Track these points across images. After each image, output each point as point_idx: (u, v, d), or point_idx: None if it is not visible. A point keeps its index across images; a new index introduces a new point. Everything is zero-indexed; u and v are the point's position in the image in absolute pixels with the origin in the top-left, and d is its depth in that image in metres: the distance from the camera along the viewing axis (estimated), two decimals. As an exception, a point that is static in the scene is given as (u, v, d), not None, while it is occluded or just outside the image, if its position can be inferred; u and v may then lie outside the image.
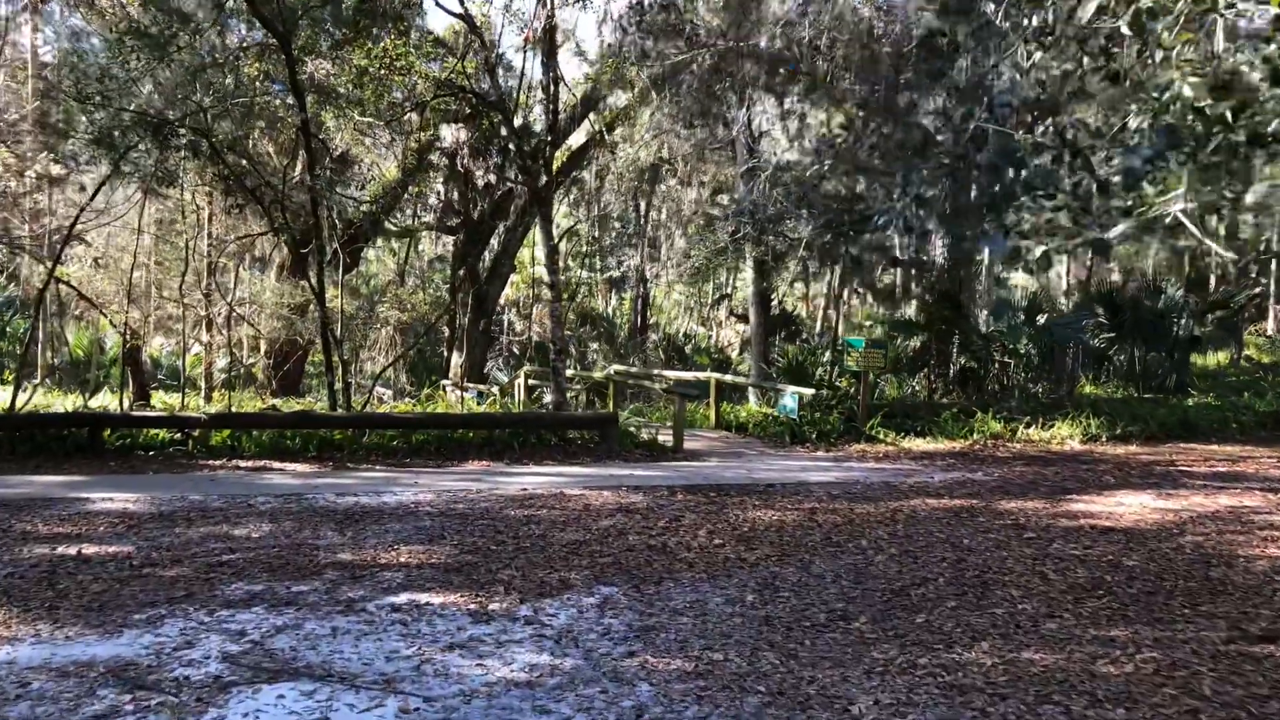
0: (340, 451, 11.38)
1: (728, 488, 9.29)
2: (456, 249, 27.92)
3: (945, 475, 10.20)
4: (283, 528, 7.24)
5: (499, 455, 11.35)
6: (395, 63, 11.78)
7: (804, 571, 5.92)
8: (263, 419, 11.53)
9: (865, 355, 12.90)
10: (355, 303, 21.23)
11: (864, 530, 7.17)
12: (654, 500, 8.52)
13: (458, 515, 7.78)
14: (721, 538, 6.95)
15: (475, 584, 5.69)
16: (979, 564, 6.03)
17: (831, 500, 8.59)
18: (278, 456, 11.09)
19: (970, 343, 14.22)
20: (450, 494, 8.77)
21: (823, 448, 12.42)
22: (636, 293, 30.52)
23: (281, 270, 23.24)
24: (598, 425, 11.89)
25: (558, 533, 7.13)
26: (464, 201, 26.93)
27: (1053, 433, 12.74)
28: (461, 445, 11.63)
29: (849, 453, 12.10)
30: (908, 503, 8.40)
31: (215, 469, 10.37)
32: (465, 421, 11.59)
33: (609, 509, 8.10)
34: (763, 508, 8.20)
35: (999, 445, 12.33)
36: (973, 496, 8.74)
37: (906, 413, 13.43)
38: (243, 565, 6.09)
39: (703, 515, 7.83)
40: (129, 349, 13.45)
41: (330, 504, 8.23)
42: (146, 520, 7.47)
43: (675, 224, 28.95)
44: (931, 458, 11.59)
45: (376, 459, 11.16)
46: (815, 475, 10.13)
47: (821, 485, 9.49)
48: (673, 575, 5.88)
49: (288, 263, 22.59)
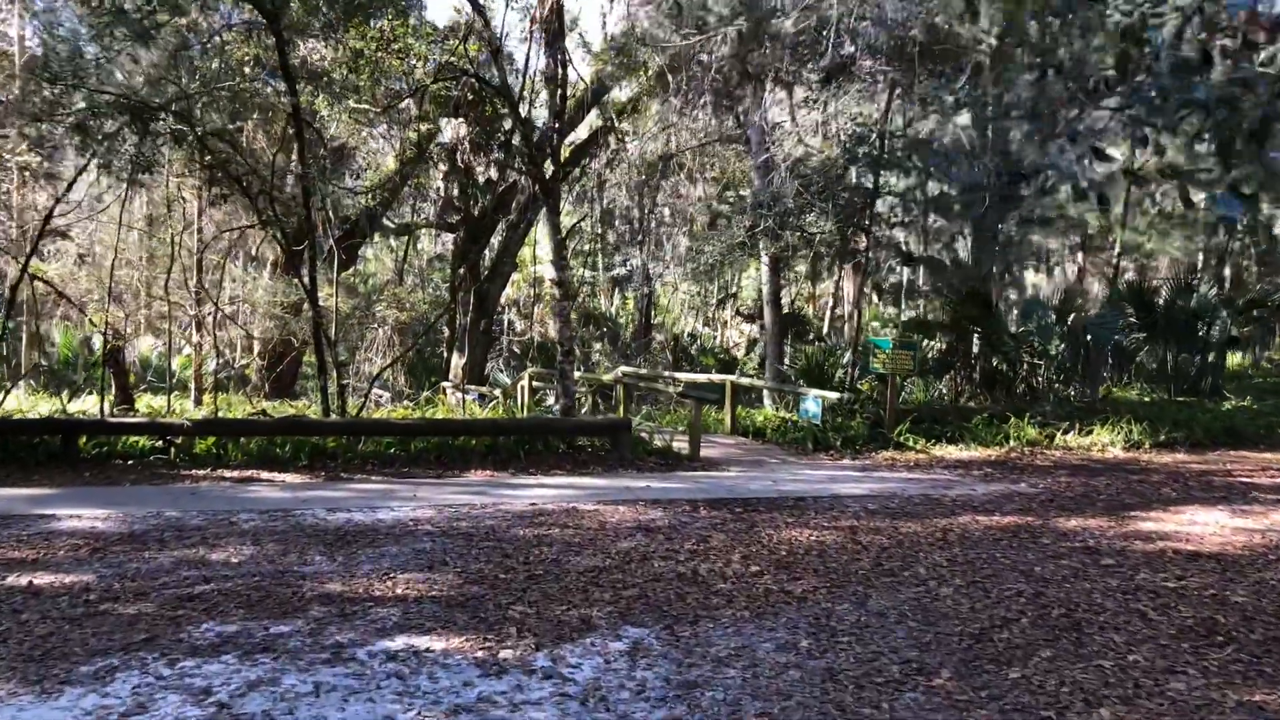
0: (333, 460, 10.61)
1: (754, 502, 8.52)
2: (457, 247, 27.22)
3: (987, 487, 9.43)
4: (266, 551, 6.47)
5: (503, 464, 10.58)
6: (392, 44, 11.00)
7: (861, 608, 5.15)
8: (250, 426, 10.76)
9: (893, 357, 12.13)
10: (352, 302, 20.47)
11: (917, 554, 6.40)
12: (676, 517, 7.75)
13: (461, 535, 7.01)
14: (758, 563, 6.18)
15: (483, 623, 4.92)
16: (1061, 599, 5.26)
17: (871, 517, 7.83)
18: (266, 466, 10.32)
19: (1002, 343, 13.46)
20: (452, 509, 8.00)
21: (848, 455, 11.65)
22: (641, 292, 29.74)
23: (276, 268, 22.47)
24: (609, 432, 11.13)
25: (573, 557, 6.36)
26: (464, 198, 26.20)
27: (1092, 439, 11.98)
28: (463, 453, 10.86)
29: (877, 461, 11.34)
30: (956, 520, 7.63)
31: (198, 480, 9.60)
32: (467, 428, 10.82)
33: (628, 528, 7.33)
34: (797, 526, 7.43)
35: (1036, 453, 11.57)
36: (1025, 512, 7.97)
37: (935, 417, 12.66)
38: (216, 599, 5.32)
39: (732, 536, 7.06)
40: (110, 350, 12.67)
41: (320, 522, 7.46)
42: (115, 542, 6.69)
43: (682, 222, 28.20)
44: (967, 467, 10.82)
45: (372, 468, 10.39)
46: (846, 487, 9.36)
47: (856, 499, 8.72)
48: (710, 613, 5.11)
49: (281, 260, 21.86)
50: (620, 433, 10.91)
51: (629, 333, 30.78)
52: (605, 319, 31.52)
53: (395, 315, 17.00)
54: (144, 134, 10.19)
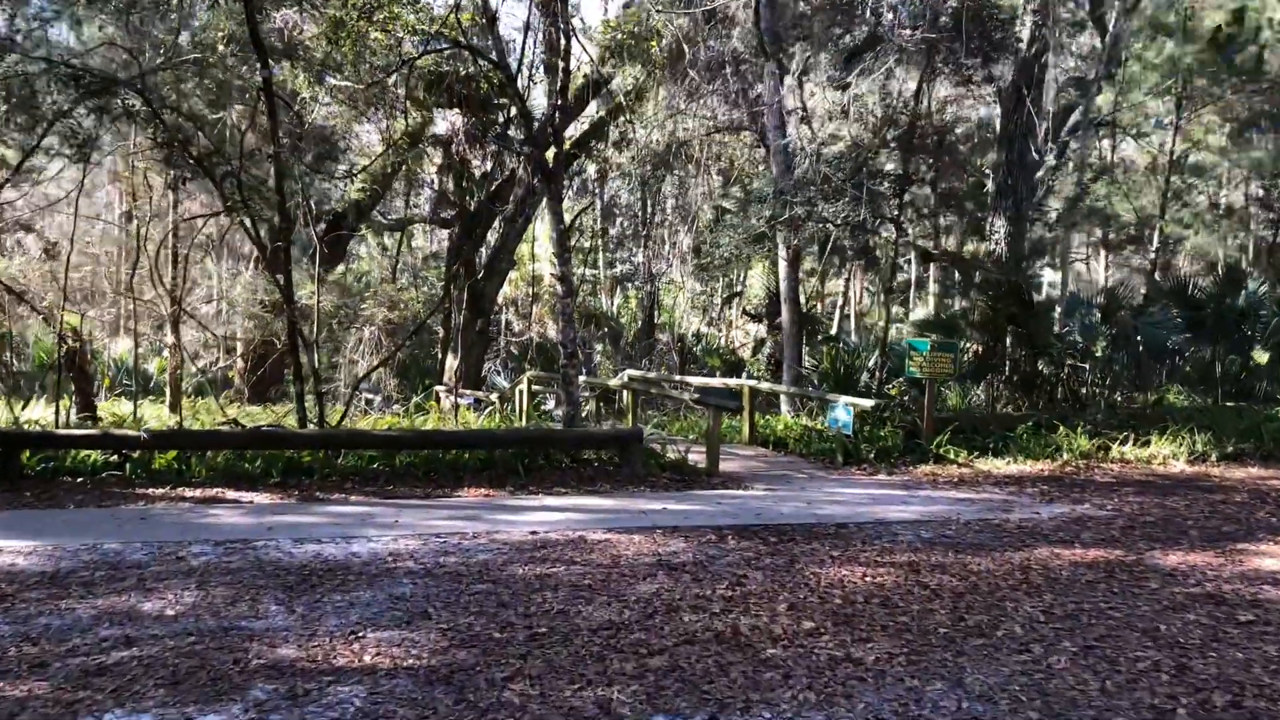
0: (309, 476, 9.47)
1: (789, 530, 7.39)
2: (452, 243, 26.12)
3: (1050, 509, 8.29)
4: (212, 598, 5.33)
5: (500, 481, 9.44)
6: (376, 13, 9.85)
7: (957, 688, 4.01)
8: (215, 438, 9.61)
9: (931, 359, 11.00)
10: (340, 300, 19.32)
11: (1002, 603, 5.26)
12: (701, 550, 6.62)
13: (448, 575, 5.87)
14: (811, 616, 5.04)
15: (472, 710, 3.79)
16: (1215, 676, 4.12)
17: (929, 549, 6.69)
18: (233, 483, 9.18)
19: (1048, 344, 12.32)
20: (439, 539, 6.86)
21: (883, 470, 10.51)
22: (645, 291, 28.57)
23: (259, 264, 21.31)
24: (617, 444, 9.99)
25: (583, 606, 5.22)
26: (460, 192, 25.12)
27: (1150, 451, 10.85)
28: (454, 468, 9.72)
29: (916, 477, 10.20)
30: (1032, 554, 6.50)
31: (154, 500, 8.46)
32: (459, 440, 9.68)
33: (646, 564, 6.19)
34: (846, 562, 6.29)
35: (1092, 466, 10.44)
36: (1108, 543, 6.83)
37: (974, 426, 11.53)
38: (134, 673, 4.18)
39: (771, 575, 5.92)
40: (68, 353, 11.52)
41: (284, 556, 6.32)
42: (31, 585, 5.55)
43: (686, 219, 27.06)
44: (1018, 484, 9.69)
45: (352, 486, 9.25)
46: (891, 510, 8.22)
47: (905, 525, 7.59)
48: (763, 694, 3.97)
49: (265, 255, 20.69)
50: (630, 445, 9.77)
51: (632, 333, 29.63)
52: (607, 319, 30.37)
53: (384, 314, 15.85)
54: (100, 110, 9.04)
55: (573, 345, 10.45)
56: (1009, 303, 12.53)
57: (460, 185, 24.62)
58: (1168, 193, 16.85)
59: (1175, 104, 16.55)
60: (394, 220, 26.61)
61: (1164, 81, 16.15)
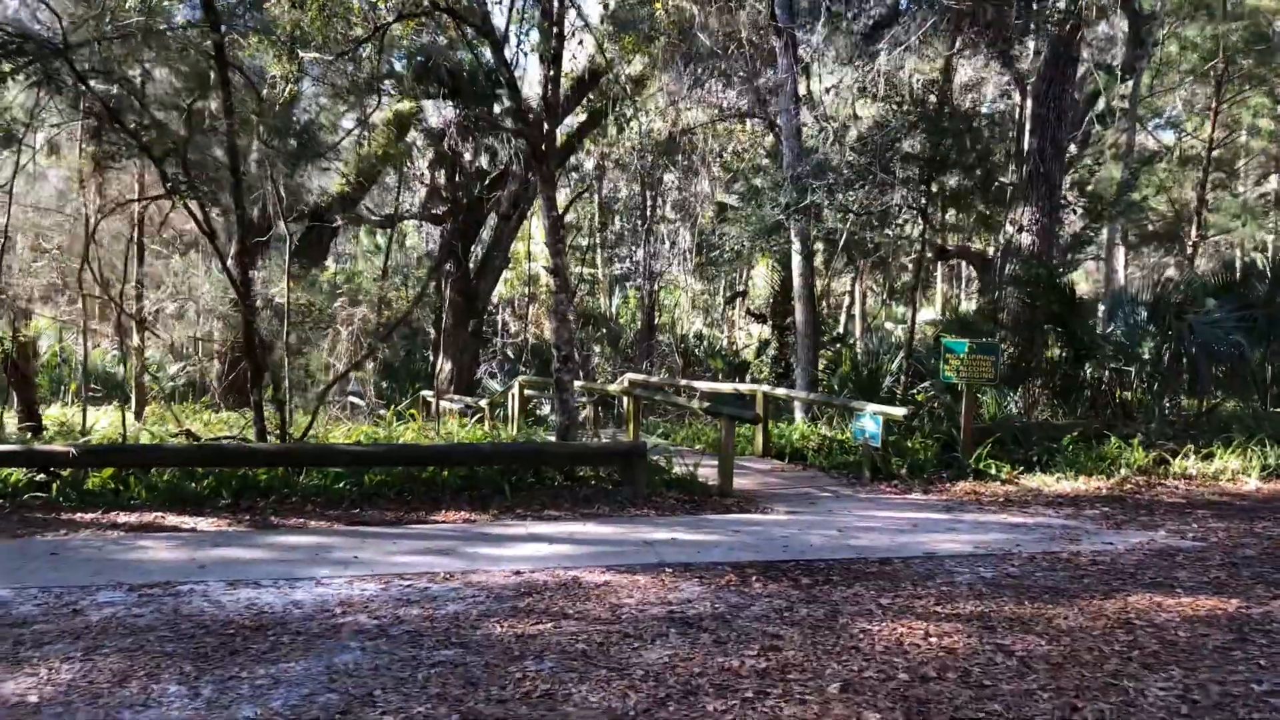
0: (266, 497, 8.28)
1: (823, 567, 6.20)
2: (443, 240, 25.01)
3: (1123, 539, 7.11)
4: (96, 675, 4.14)
5: (483, 502, 8.25)
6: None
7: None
8: (157, 454, 8.40)
9: (968, 362, 9.82)
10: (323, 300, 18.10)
11: (1119, 681, 4.07)
12: (721, 596, 5.43)
13: (407, 636, 4.68)
14: (873, 702, 3.85)
15: None
16: None
17: (996, 594, 5.50)
18: (177, 506, 7.99)
19: (1095, 346, 11.15)
20: (403, 583, 5.67)
21: (916, 487, 9.33)
22: (645, 290, 27.37)
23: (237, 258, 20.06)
24: (618, 460, 8.79)
25: (575, 686, 4.03)
26: (452, 187, 24.00)
27: (1216, 465, 9.67)
28: (432, 488, 8.53)
29: (955, 495, 9.02)
30: (1126, 602, 5.31)
31: (79, 528, 7.27)
32: (437, 455, 8.47)
33: (654, 617, 5.01)
34: (900, 613, 5.11)
35: (1154, 483, 9.26)
36: (1216, 588, 5.64)
37: (1015, 437, 10.35)
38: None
39: (812, 634, 4.73)
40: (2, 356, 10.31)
41: (208, 607, 5.13)
42: None
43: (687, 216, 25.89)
44: (1075, 504, 8.51)
45: (314, 509, 8.06)
46: (938, 540, 7.04)
47: (959, 560, 6.41)
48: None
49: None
50: (633, 461, 8.57)
51: (631, 334, 28.44)
52: (606, 319, 29.18)
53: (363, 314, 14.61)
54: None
55: (568, 347, 9.27)
56: (1049, 300, 11.35)
57: (453, 180, 23.52)
58: (1206, 182, 15.71)
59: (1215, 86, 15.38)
60: (383, 216, 25.42)
61: (1204, 64, 14.99)
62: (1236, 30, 13.80)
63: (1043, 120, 13.76)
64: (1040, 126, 13.79)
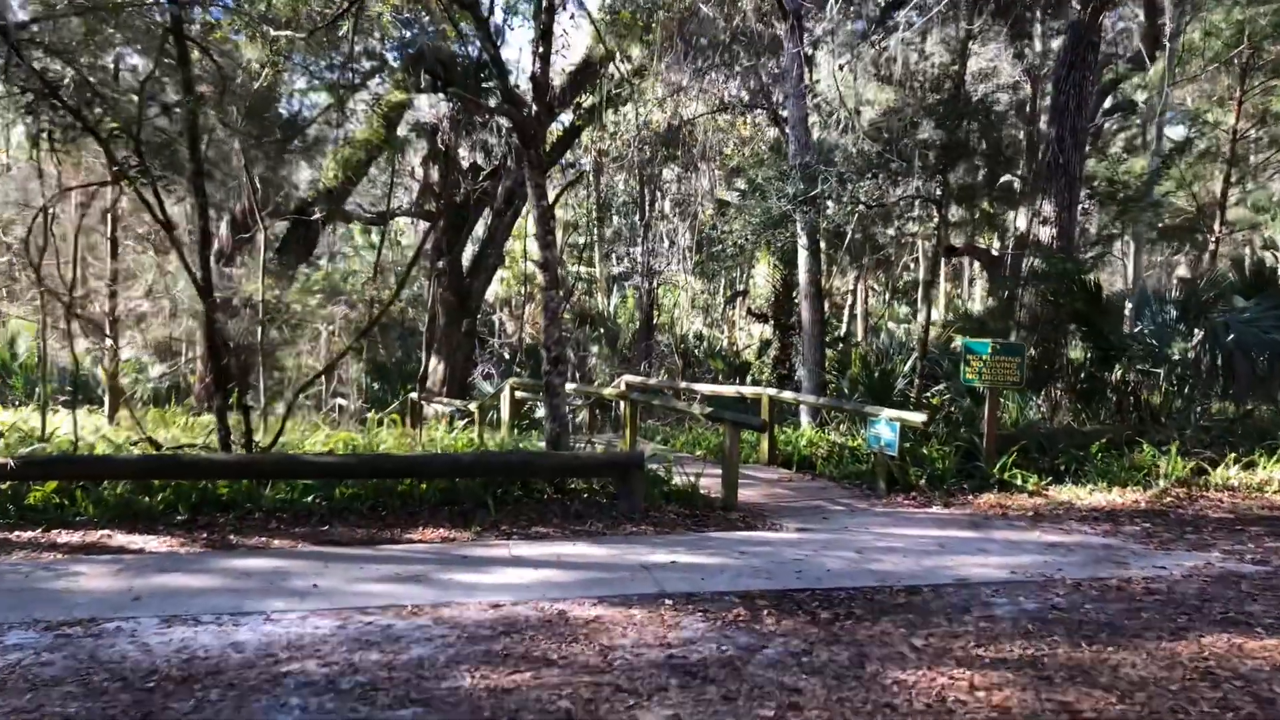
0: (227, 513, 7.55)
1: (843, 597, 5.48)
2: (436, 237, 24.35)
3: (1175, 562, 6.38)
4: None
5: (464, 518, 7.52)
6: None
7: None
8: (106, 466, 7.65)
9: (992, 365, 9.09)
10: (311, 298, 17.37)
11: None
12: (728, 636, 4.70)
13: (360, 690, 3.96)
14: (920, 786, 3.12)
15: None
16: None
17: (1045, 630, 4.78)
18: (128, 523, 7.27)
19: (1124, 346, 10.42)
20: (364, 618, 4.95)
21: (937, 499, 8.60)
22: (643, 289, 26.61)
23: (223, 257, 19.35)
24: (613, 471, 8.05)
25: (556, 761, 3.30)
26: (445, 184, 23.31)
27: (1261, 476, 8.93)
28: (409, 502, 7.80)
29: (979, 508, 8.28)
30: (1200, 644, 4.58)
31: (12, 549, 6.55)
32: (414, 467, 7.73)
33: (652, 664, 4.28)
34: (937, 657, 4.39)
35: (1196, 495, 8.53)
36: (1293, 623, 4.92)
37: (1040, 444, 9.62)
38: None
39: (836, 688, 4.01)
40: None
41: (132, 651, 4.41)
42: None
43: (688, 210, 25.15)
44: (1112, 520, 7.78)
45: (279, 526, 7.33)
46: (969, 563, 6.31)
47: (995, 587, 5.68)
48: None
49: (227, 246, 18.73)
50: (629, 473, 7.84)
51: (630, 335, 27.70)
52: (603, 319, 28.42)
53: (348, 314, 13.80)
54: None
55: (559, 348, 8.54)
56: (1073, 297, 10.62)
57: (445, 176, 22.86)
58: (1230, 175, 14.98)
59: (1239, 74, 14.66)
60: (375, 213, 24.70)
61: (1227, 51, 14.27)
62: (1265, 15, 13.09)
63: (1062, 108, 13.04)
64: (1059, 114, 13.07)
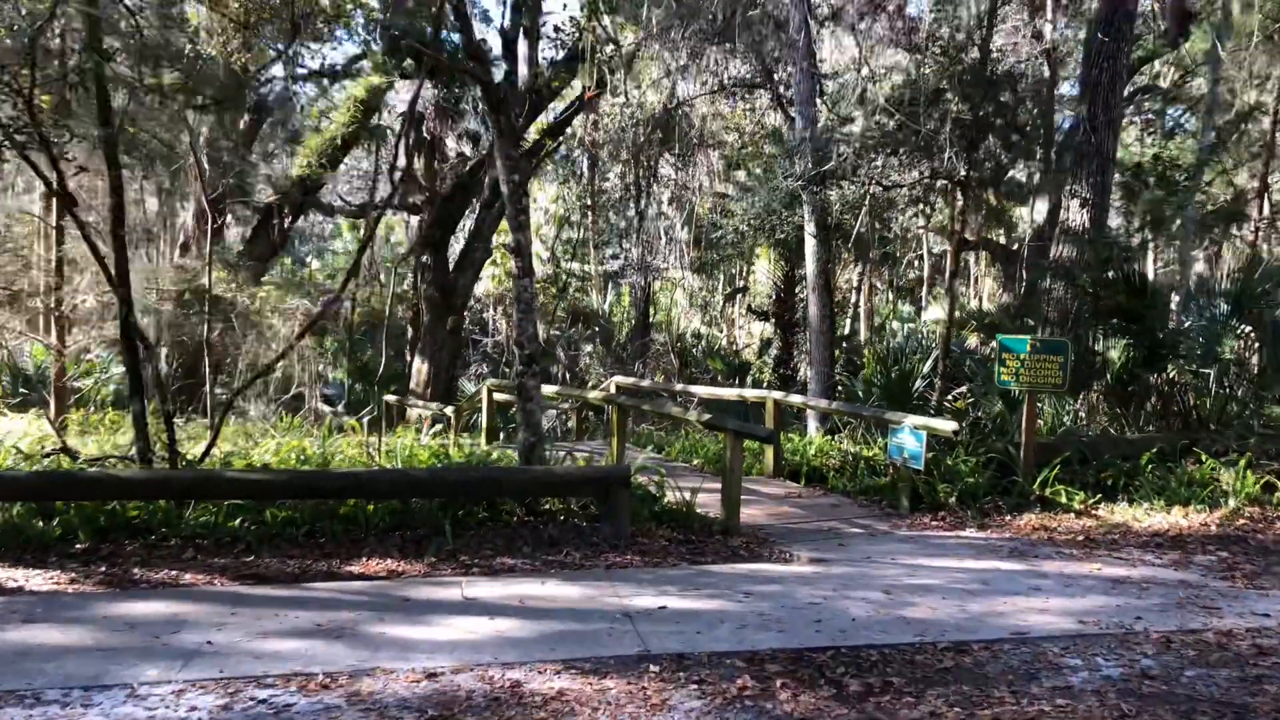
0: (137, 539, 6.40)
1: (874, 658, 4.33)
2: (421, 232, 23.28)
3: (1275, 607, 5.24)
4: None
5: (417, 546, 6.37)
6: None
7: None
8: (-7, 483, 6.48)
9: (1031, 364, 7.94)
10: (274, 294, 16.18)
11: None
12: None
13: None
14: None
15: None
16: None
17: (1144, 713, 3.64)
18: (14, 553, 6.12)
19: (1174, 343, 9.27)
20: (259, 692, 3.80)
21: (970, 521, 7.45)
22: (638, 286, 25.44)
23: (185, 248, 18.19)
24: (594, 489, 6.88)
25: None
26: (430, 175, 22.24)
27: (1340, 492, 7.79)
28: (353, 527, 6.64)
29: (1021, 531, 7.13)
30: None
31: None
32: (360, 485, 6.55)
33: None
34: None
35: (1268, 516, 7.38)
36: None
37: (1082, 454, 8.46)
38: None
39: (886, 817, 2.86)
40: None
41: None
42: None
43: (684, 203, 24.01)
44: (1180, 547, 6.63)
45: (198, 555, 6.18)
46: (1023, 608, 5.16)
47: (1064, 644, 4.53)
48: None
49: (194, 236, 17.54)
50: (613, 491, 6.68)
51: (624, 333, 26.55)
52: (597, 317, 27.25)
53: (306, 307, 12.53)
54: None
55: (533, 345, 7.38)
56: (1115, 289, 9.48)
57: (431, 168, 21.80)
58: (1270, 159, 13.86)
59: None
60: (355, 206, 23.57)
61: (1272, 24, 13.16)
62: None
63: (1095, 83, 11.91)
64: (1091, 90, 11.94)
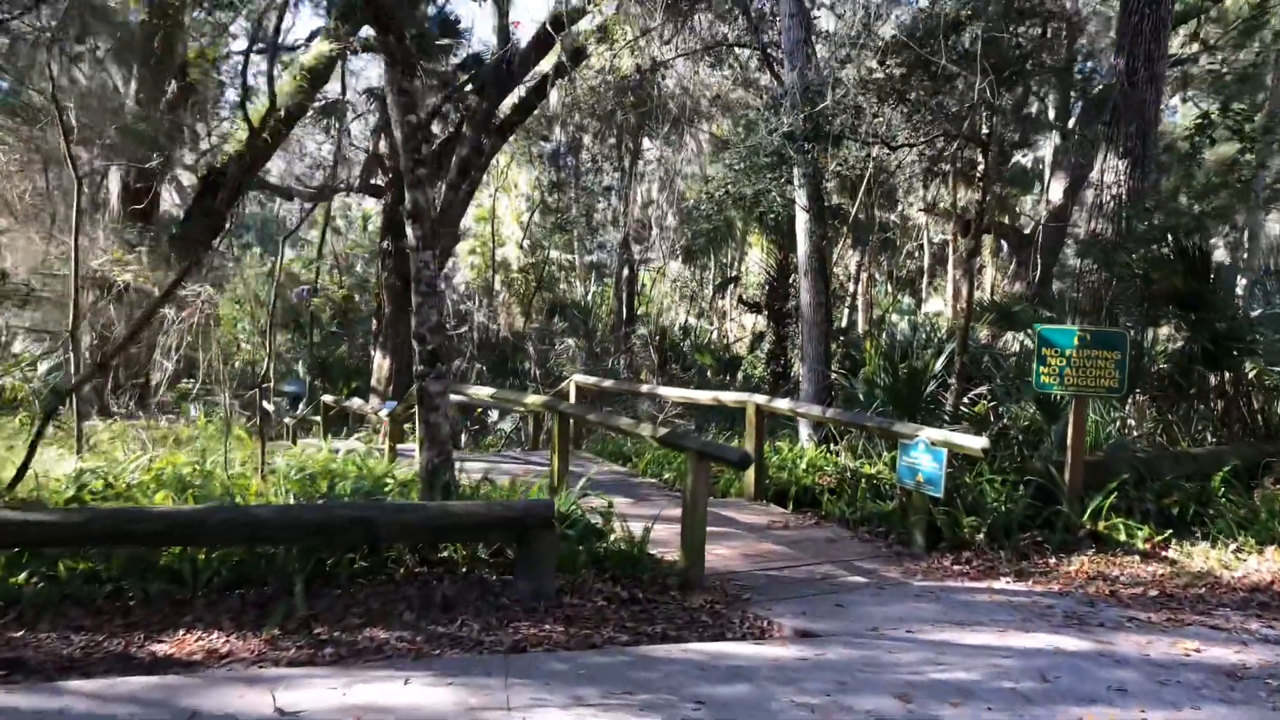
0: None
1: None
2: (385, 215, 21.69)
3: None
4: None
5: (260, 612, 4.65)
6: None
7: None
8: None
9: (1079, 361, 6.25)
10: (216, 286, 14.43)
11: None
12: None
13: None
14: None
15: None
16: None
17: None
18: None
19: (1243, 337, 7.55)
20: None
21: (1005, 564, 5.75)
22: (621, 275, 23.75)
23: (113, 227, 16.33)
24: (507, 531, 5.12)
25: None
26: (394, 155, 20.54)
27: None
28: (179, 582, 4.91)
29: (1070, 580, 5.43)
30: None
31: None
32: (188, 527, 4.81)
33: None
34: None
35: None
36: None
37: (1139, 474, 6.76)
38: None
39: None
40: None
41: None
42: None
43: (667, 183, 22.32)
44: (1292, 608, 4.95)
45: (-51, 629, 4.46)
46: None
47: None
48: None
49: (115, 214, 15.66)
50: (533, 535, 4.95)
51: (606, 326, 24.84)
52: (577, 308, 25.50)
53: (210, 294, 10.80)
54: None
55: (436, 337, 5.68)
56: (1170, 270, 7.77)
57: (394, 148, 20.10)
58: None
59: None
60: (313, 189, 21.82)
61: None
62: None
63: (1134, 31, 10.23)
64: (1130, 39, 10.27)
